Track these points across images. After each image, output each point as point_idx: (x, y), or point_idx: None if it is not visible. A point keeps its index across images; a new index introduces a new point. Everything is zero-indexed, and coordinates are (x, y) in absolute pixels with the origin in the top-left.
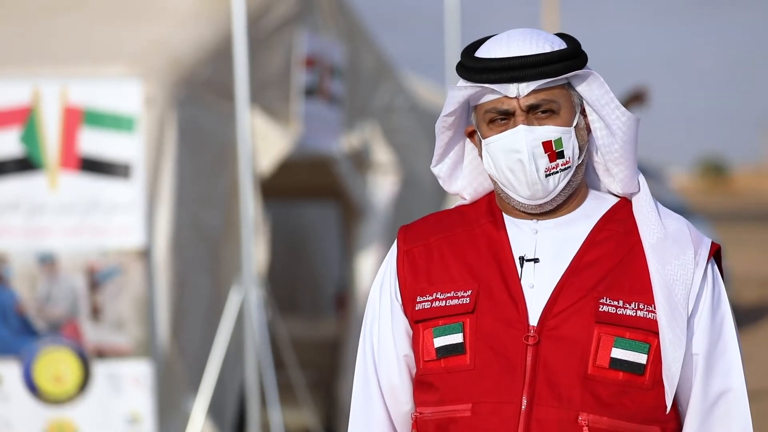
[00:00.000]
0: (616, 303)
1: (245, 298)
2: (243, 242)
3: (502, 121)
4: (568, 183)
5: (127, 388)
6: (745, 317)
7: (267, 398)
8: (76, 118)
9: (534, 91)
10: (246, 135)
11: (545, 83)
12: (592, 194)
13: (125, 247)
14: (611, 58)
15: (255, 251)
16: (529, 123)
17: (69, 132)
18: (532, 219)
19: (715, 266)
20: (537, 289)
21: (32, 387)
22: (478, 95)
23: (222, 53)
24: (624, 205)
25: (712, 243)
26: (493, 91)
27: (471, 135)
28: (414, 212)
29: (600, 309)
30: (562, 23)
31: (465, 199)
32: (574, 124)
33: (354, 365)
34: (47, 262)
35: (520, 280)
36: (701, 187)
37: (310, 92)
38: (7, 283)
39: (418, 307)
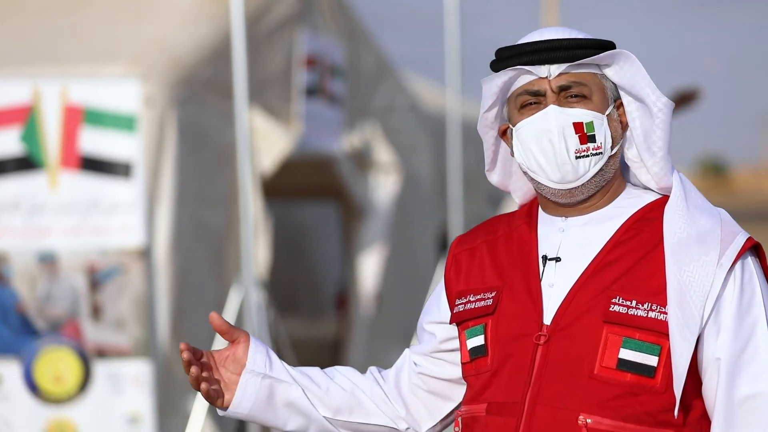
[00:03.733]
0: (628, 303)
1: (245, 298)
2: (243, 242)
3: (534, 105)
4: (599, 171)
5: (127, 388)
6: None
7: None
8: (76, 118)
9: (565, 73)
10: (245, 134)
11: (575, 65)
12: (629, 192)
13: (125, 247)
14: None
15: (256, 251)
16: (560, 105)
17: (69, 131)
18: (561, 217)
19: (752, 265)
20: (555, 288)
21: (32, 386)
22: (511, 83)
23: (222, 53)
24: (661, 203)
25: (748, 240)
26: (527, 74)
27: (504, 134)
28: (414, 212)
29: (610, 309)
30: (562, 23)
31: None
32: (607, 112)
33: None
34: (47, 262)
35: (540, 279)
36: (701, 187)
37: (311, 92)
38: (7, 283)
39: (456, 309)
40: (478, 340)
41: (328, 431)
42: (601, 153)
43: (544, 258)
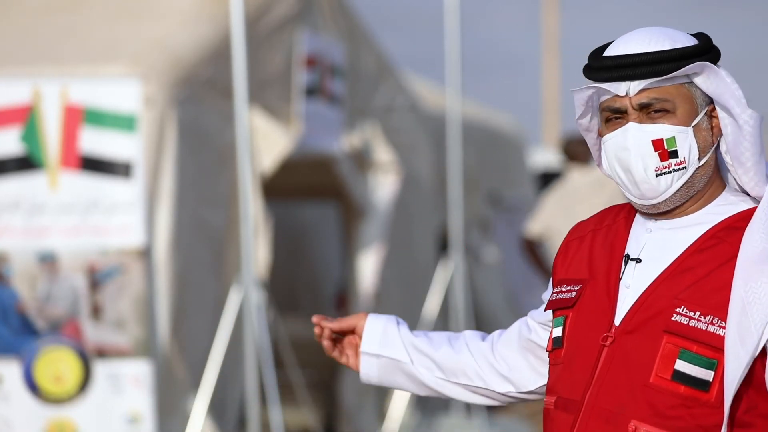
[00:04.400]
0: (691, 314)
1: (245, 298)
2: (242, 242)
3: (617, 120)
4: (685, 184)
5: (127, 388)
6: None
7: (267, 398)
8: (76, 117)
9: (646, 90)
10: (245, 134)
11: (656, 81)
12: (725, 197)
13: (125, 247)
14: None
15: (256, 251)
16: (641, 121)
17: (69, 131)
18: (652, 219)
19: None
20: (630, 290)
21: (32, 386)
22: (599, 95)
23: (222, 53)
24: (752, 213)
25: None
26: (606, 90)
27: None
28: (414, 212)
29: (672, 318)
30: (562, 23)
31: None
32: (693, 123)
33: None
34: (47, 262)
35: (620, 279)
36: None
37: (311, 92)
38: (7, 283)
39: (552, 297)
40: (558, 331)
41: (450, 394)
42: (685, 168)
43: (626, 257)
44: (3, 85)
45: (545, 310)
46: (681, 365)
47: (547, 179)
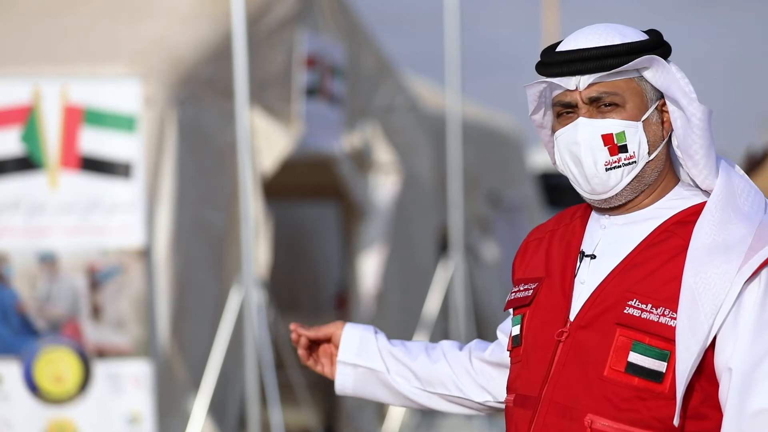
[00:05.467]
0: (643, 306)
1: (245, 298)
2: (243, 242)
3: (568, 115)
4: (635, 178)
5: (127, 388)
6: None
7: (267, 398)
8: (76, 118)
9: (595, 84)
10: (245, 134)
11: (605, 75)
12: (678, 192)
13: (125, 247)
14: None
15: (257, 251)
16: (591, 116)
17: (69, 131)
18: (606, 215)
19: None
20: (585, 286)
21: (32, 386)
22: (551, 90)
23: (222, 53)
24: (703, 207)
25: None
26: (558, 85)
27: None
28: (414, 212)
29: (624, 311)
30: (562, 23)
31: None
32: (643, 117)
33: None
34: (48, 262)
35: (575, 275)
36: None
37: (311, 92)
38: (7, 283)
39: (511, 296)
40: (516, 330)
41: (427, 404)
42: (635, 162)
43: (581, 254)
44: (3, 85)
45: (505, 309)
46: (634, 357)
47: (547, 179)
